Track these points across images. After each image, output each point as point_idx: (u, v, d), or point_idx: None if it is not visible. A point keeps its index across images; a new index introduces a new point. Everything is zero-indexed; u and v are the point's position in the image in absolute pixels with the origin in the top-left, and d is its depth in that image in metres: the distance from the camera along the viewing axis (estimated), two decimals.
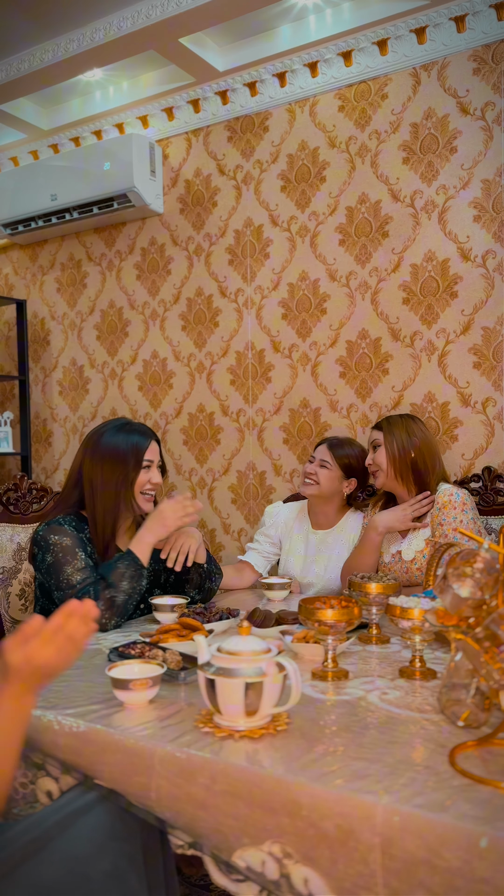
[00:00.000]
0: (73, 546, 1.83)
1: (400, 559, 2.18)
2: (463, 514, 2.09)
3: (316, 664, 1.44)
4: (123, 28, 2.78)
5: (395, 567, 2.19)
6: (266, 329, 3.14)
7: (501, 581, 1.05)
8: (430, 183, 2.72)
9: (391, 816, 0.87)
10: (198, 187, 3.31)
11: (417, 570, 2.15)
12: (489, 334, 2.62)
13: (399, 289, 2.80)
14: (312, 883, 0.92)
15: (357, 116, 2.88)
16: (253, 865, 0.96)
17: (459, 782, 0.93)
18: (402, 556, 2.18)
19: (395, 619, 1.37)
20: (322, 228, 2.98)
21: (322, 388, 3.01)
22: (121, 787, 1.10)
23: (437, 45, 2.66)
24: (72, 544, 1.83)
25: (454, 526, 2.06)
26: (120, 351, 3.61)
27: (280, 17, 2.82)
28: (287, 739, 1.08)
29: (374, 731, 1.11)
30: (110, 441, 1.93)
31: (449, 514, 2.09)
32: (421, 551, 2.15)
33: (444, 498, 2.12)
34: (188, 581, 2.06)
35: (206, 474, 3.35)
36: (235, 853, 0.98)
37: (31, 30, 2.90)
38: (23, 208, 3.55)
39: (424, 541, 2.15)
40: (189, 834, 1.03)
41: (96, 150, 3.32)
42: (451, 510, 2.09)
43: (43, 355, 3.91)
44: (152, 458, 1.95)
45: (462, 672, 1.12)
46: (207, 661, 1.13)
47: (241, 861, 0.97)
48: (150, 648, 1.44)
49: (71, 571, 1.80)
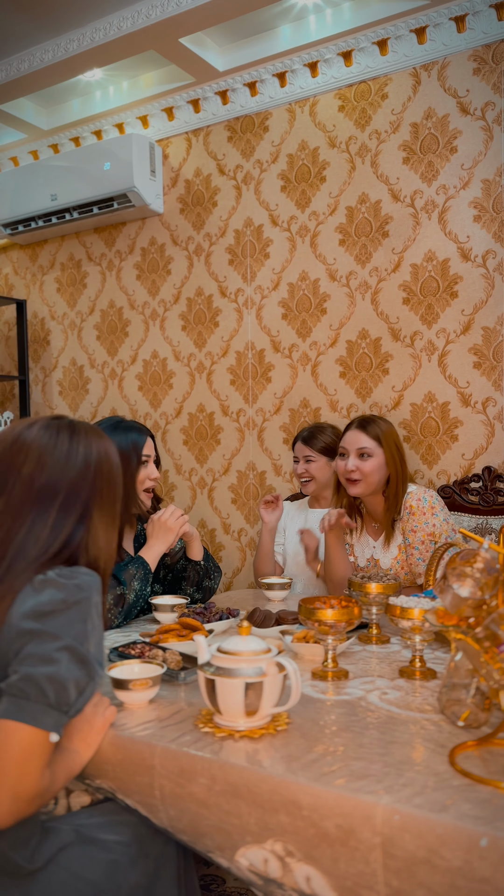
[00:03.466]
0: None
1: (377, 567, 2.17)
2: (433, 518, 2.06)
3: (316, 664, 1.44)
4: (123, 28, 2.78)
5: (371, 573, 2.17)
6: (266, 329, 3.14)
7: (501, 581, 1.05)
8: (431, 183, 2.72)
9: (391, 816, 0.87)
10: (198, 187, 3.31)
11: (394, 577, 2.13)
12: (489, 334, 2.62)
13: (399, 289, 2.81)
14: (314, 881, 0.92)
15: (357, 116, 2.88)
16: (255, 864, 0.97)
17: (459, 782, 0.93)
18: (379, 565, 2.16)
19: (395, 619, 1.37)
20: (322, 228, 2.98)
21: (322, 388, 3.01)
22: (125, 786, 1.10)
23: (437, 45, 2.66)
24: None
25: (428, 531, 2.05)
26: (120, 351, 3.61)
27: (280, 17, 2.82)
28: (287, 739, 1.08)
29: (374, 731, 1.11)
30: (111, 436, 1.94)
31: (419, 519, 2.06)
32: (395, 558, 2.14)
33: (412, 503, 2.08)
34: (185, 579, 2.06)
35: (206, 474, 3.35)
36: (238, 852, 0.98)
37: (31, 30, 2.90)
38: (23, 208, 3.55)
39: (398, 547, 2.14)
40: (193, 833, 1.04)
41: (96, 150, 3.32)
42: (420, 516, 2.06)
43: (43, 355, 3.91)
44: (150, 453, 1.98)
45: (462, 672, 1.12)
46: (207, 661, 1.13)
47: (244, 860, 0.98)
48: (150, 648, 1.44)
49: None
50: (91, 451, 1.14)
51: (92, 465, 1.13)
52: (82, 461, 1.12)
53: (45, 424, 1.14)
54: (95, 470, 1.14)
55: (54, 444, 1.12)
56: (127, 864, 1.06)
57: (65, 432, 1.14)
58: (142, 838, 1.11)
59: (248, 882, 1.00)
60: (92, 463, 1.13)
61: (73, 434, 1.14)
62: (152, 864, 1.10)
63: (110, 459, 1.17)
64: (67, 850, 1.03)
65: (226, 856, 1.00)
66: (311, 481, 2.47)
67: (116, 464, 1.18)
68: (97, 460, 1.14)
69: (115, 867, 1.05)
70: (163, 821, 1.07)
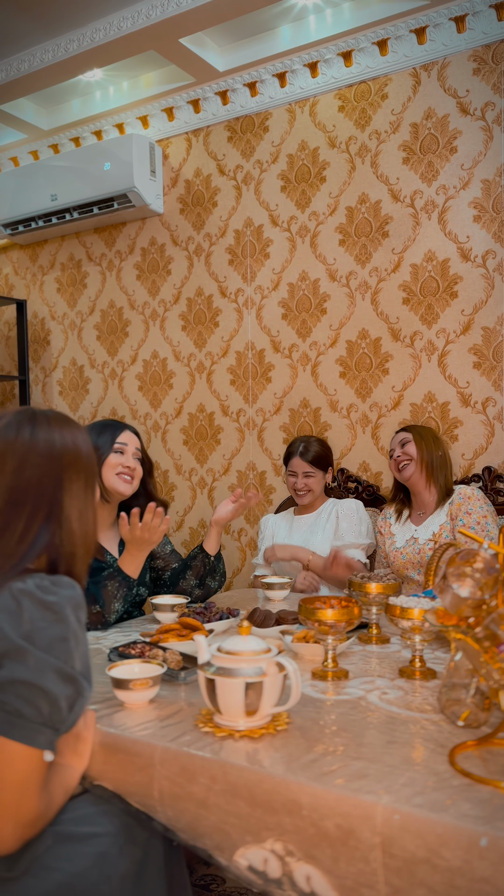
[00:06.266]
0: None
1: (415, 543, 2.31)
2: (487, 506, 2.26)
3: (316, 664, 1.44)
4: (123, 28, 2.78)
5: (407, 550, 2.32)
6: (266, 329, 3.14)
7: (501, 581, 1.05)
8: (430, 183, 2.72)
9: (391, 816, 0.87)
10: (198, 187, 3.31)
11: (429, 551, 2.27)
12: (489, 334, 2.62)
13: (399, 289, 2.81)
14: (315, 881, 0.92)
15: (357, 116, 2.88)
16: (255, 864, 0.96)
17: (459, 782, 0.93)
18: (417, 542, 2.31)
19: (395, 619, 1.37)
20: (322, 228, 2.98)
21: (322, 388, 3.01)
22: (123, 786, 1.10)
23: (437, 45, 2.66)
24: None
25: (483, 514, 2.22)
26: (120, 351, 3.61)
27: (280, 17, 2.82)
28: (287, 739, 1.08)
29: (374, 731, 1.11)
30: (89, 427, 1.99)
31: (475, 504, 2.24)
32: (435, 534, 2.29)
33: (467, 491, 2.28)
34: (191, 568, 2.07)
35: (206, 474, 3.35)
36: (237, 852, 0.98)
37: (31, 30, 2.90)
38: (23, 208, 3.55)
39: (440, 526, 2.28)
40: (192, 832, 1.03)
41: (96, 150, 3.32)
42: (476, 501, 2.25)
43: (43, 355, 3.91)
44: (126, 441, 1.96)
45: (462, 672, 1.12)
46: (207, 661, 1.13)
47: (244, 860, 0.97)
48: (150, 648, 1.44)
49: None
50: (54, 442, 1.07)
51: (57, 457, 1.07)
52: (45, 455, 1.06)
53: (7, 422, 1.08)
54: (62, 462, 1.07)
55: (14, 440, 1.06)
56: (116, 855, 1.04)
57: (26, 427, 1.07)
58: (128, 826, 1.09)
59: (248, 882, 1.00)
60: (56, 455, 1.07)
61: (34, 427, 1.08)
62: (140, 850, 1.08)
63: (78, 448, 1.10)
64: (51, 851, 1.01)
65: (225, 856, 1.00)
66: (307, 494, 2.53)
67: (86, 452, 1.11)
68: (62, 451, 1.07)
69: (103, 859, 1.03)
70: (161, 821, 1.07)
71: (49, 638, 0.95)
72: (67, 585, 1.01)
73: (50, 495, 1.06)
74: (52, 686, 0.94)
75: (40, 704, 0.93)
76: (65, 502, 1.07)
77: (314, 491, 2.53)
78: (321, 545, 2.43)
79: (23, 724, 0.93)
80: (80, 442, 1.11)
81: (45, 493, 1.06)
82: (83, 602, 1.02)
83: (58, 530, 1.06)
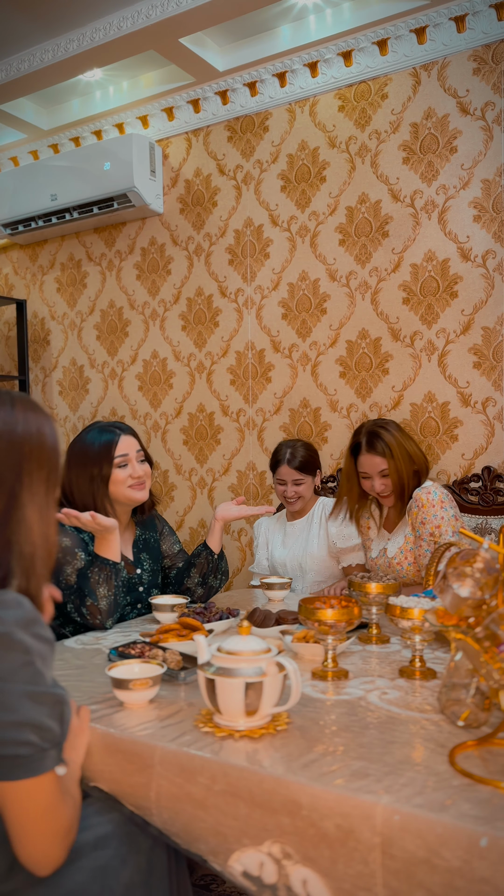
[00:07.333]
0: (72, 546, 1.83)
1: (385, 555, 2.29)
2: (443, 511, 2.16)
3: (316, 664, 1.44)
4: (123, 28, 2.78)
5: (380, 562, 2.32)
6: (266, 329, 3.14)
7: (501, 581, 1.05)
8: (430, 183, 2.72)
9: (391, 816, 0.87)
10: (198, 187, 3.31)
11: (398, 566, 2.25)
12: (489, 334, 2.62)
13: (399, 289, 2.80)
14: (311, 884, 0.91)
15: (357, 116, 2.88)
16: (250, 869, 0.96)
17: (459, 782, 0.93)
18: (386, 553, 2.29)
19: (395, 619, 1.37)
20: (322, 228, 2.98)
21: (322, 388, 3.01)
22: (120, 787, 1.09)
23: (437, 45, 2.66)
24: (71, 545, 1.83)
25: (436, 524, 2.14)
26: (120, 351, 3.61)
27: (280, 17, 2.82)
28: (287, 739, 1.08)
29: (374, 731, 1.11)
30: (82, 441, 1.94)
31: (429, 512, 2.15)
32: (400, 547, 2.26)
33: (422, 497, 2.18)
34: (195, 565, 2.07)
35: (206, 474, 3.35)
36: (232, 856, 0.97)
37: (31, 30, 2.90)
38: (23, 208, 3.55)
39: (404, 537, 2.25)
40: (187, 836, 1.03)
41: (96, 150, 3.32)
42: (430, 508, 2.15)
43: (43, 355, 3.91)
44: (126, 451, 1.91)
45: (462, 672, 1.12)
46: (207, 661, 1.13)
47: (239, 865, 0.97)
48: (150, 648, 1.44)
49: (70, 571, 1.80)
50: (16, 426, 0.96)
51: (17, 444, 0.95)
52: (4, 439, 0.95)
53: None
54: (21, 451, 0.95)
55: None
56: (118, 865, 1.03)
57: None
58: (130, 834, 1.08)
59: (242, 888, 0.99)
60: (17, 441, 0.95)
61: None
62: (144, 858, 1.07)
63: (42, 436, 0.98)
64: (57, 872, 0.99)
65: (219, 861, 0.99)
66: (297, 501, 2.51)
67: (51, 443, 1.00)
68: (23, 438, 0.96)
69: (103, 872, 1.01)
70: (155, 824, 1.06)
71: (8, 669, 0.87)
72: (11, 605, 0.89)
73: (8, 487, 0.94)
74: (33, 713, 0.89)
75: (30, 737, 0.88)
76: (23, 497, 0.95)
77: (305, 497, 2.51)
78: (318, 552, 2.46)
79: (24, 763, 0.89)
80: (45, 430, 1.00)
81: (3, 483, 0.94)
82: (34, 615, 0.91)
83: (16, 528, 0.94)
